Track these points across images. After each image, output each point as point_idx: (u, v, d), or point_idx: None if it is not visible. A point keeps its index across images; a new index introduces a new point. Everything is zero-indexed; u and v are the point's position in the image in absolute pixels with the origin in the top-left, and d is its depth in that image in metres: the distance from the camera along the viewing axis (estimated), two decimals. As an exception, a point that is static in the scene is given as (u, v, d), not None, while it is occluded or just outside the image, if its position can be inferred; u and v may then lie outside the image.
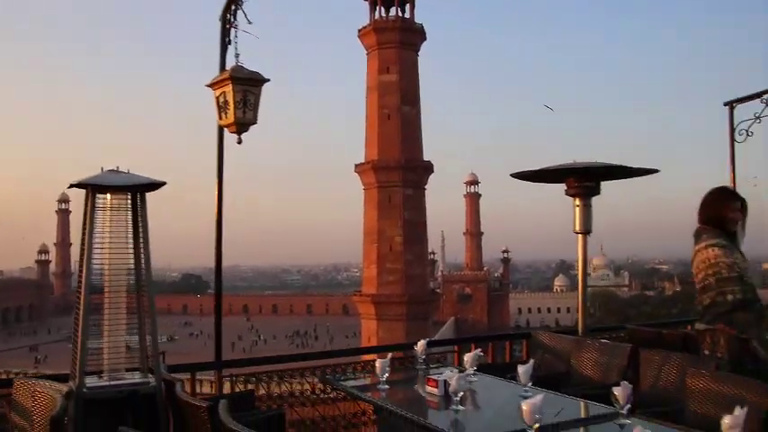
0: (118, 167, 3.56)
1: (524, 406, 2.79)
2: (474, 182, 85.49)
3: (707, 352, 4.09)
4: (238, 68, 4.22)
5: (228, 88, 4.15)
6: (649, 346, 4.68)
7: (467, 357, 4.11)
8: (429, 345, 4.57)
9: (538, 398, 2.82)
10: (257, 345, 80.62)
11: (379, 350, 4.17)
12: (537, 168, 4.94)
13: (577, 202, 4.97)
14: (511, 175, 5.11)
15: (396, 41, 37.53)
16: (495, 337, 6.21)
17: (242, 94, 4.17)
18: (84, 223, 3.48)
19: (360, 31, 38.52)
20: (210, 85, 4.25)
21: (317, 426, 4.70)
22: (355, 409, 4.71)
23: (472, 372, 4.05)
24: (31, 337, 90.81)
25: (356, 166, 41.37)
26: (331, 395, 4.70)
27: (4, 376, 50.49)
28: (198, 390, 4.73)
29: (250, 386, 4.50)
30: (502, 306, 79.66)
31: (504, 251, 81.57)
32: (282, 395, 4.68)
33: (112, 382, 3.49)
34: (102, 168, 3.58)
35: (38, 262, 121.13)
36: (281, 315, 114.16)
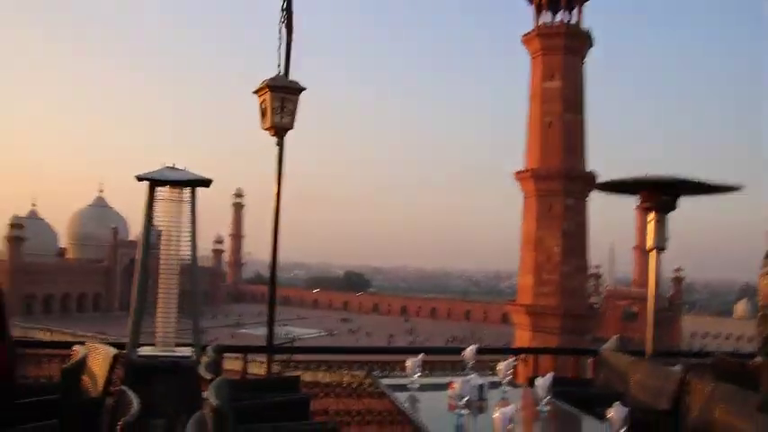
0: (174, 165, 4.01)
1: (496, 414, 2.80)
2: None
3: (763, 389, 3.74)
4: (276, 78, 4.61)
5: (267, 96, 4.55)
6: (730, 377, 4.34)
7: (499, 366, 4.09)
8: (480, 351, 4.59)
9: (509, 407, 2.81)
10: (413, 346, 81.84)
11: (418, 351, 4.22)
12: (609, 180, 4.77)
13: (651, 216, 4.72)
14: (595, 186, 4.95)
15: (561, 47, 36.57)
16: (560, 351, 5.96)
17: (280, 101, 4.54)
18: (146, 213, 3.96)
19: (523, 36, 37.96)
20: (255, 92, 4.66)
21: (362, 417, 4.88)
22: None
23: (505, 381, 4.03)
24: (205, 321, 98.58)
25: (516, 173, 40.84)
26: (378, 390, 4.84)
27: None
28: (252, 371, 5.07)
29: (298, 372, 4.80)
30: (671, 328, 74.27)
31: (676, 270, 75.90)
32: (330, 384, 4.92)
33: (158, 353, 3.94)
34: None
35: (213, 251, 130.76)
36: (438, 319, 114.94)
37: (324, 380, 4.94)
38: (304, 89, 4.82)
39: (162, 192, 4.09)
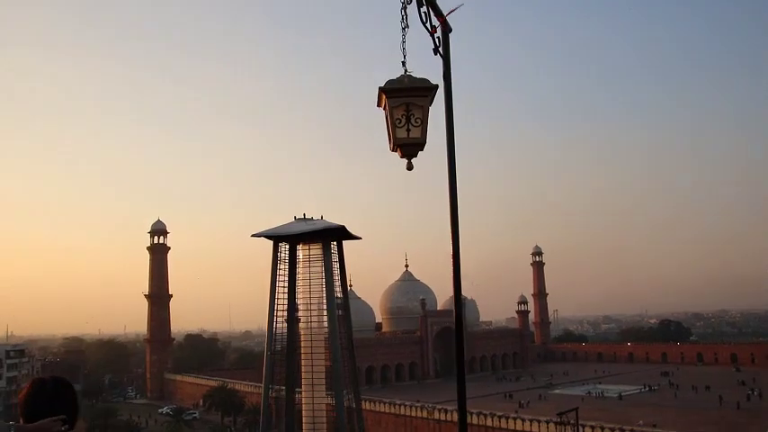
0: (305, 215, 3.68)
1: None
2: None
3: None
4: (396, 80, 3.48)
5: (386, 105, 3.47)
6: None
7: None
8: None
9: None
10: (749, 401, 71.36)
11: None
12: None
13: None
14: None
15: None
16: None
17: (403, 109, 3.41)
18: (272, 274, 3.79)
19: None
20: (379, 106, 3.60)
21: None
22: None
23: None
24: (514, 384, 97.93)
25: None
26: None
27: (489, 417, 55.29)
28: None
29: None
30: None
31: None
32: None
33: None
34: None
35: (518, 312, 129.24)
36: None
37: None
38: (435, 87, 3.52)
39: (300, 250, 3.62)
